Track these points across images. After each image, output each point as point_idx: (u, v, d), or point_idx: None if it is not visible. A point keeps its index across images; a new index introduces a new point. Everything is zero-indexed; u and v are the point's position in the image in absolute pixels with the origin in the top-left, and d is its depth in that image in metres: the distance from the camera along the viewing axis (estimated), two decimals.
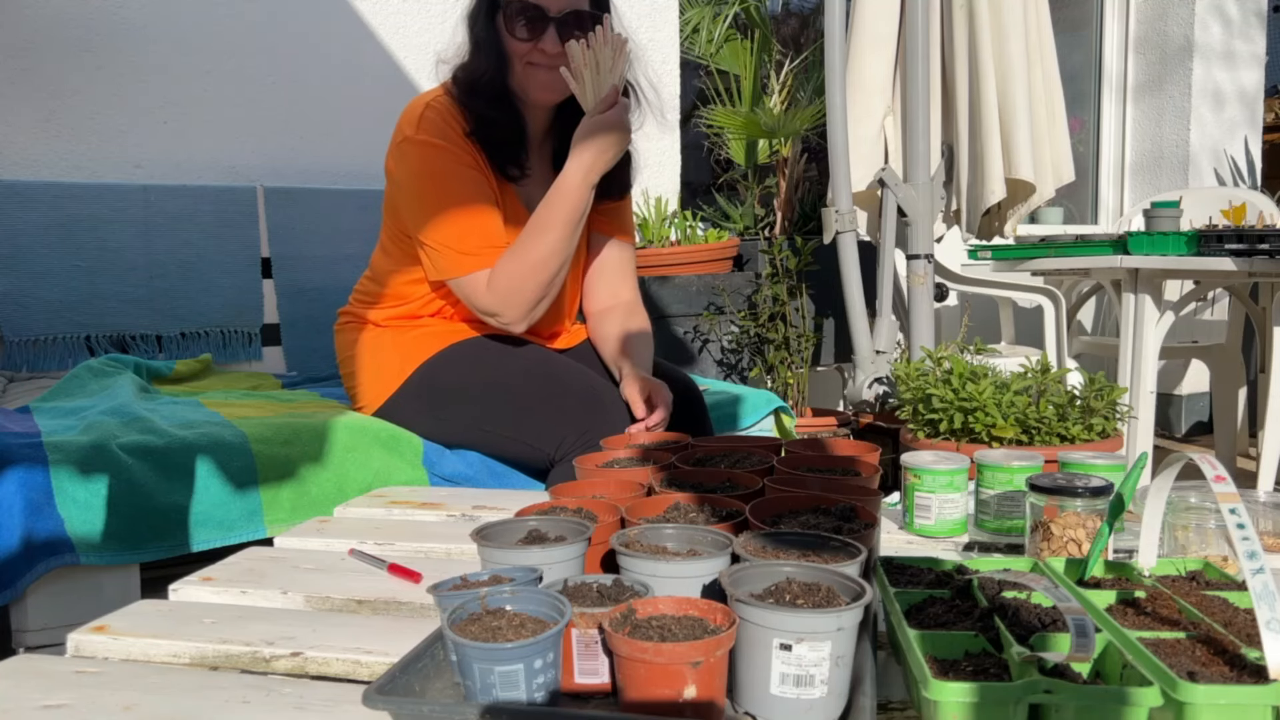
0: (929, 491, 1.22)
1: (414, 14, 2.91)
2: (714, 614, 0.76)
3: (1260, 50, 4.53)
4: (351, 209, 2.65)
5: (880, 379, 2.57)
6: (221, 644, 0.92)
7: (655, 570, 0.85)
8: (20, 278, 2.25)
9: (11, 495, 1.33)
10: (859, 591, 0.76)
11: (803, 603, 0.75)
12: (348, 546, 1.24)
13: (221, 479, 1.49)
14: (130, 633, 0.95)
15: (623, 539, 0.90)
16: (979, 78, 2.63)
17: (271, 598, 1.07)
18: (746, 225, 3.52)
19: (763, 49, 3.65)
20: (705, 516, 1.03)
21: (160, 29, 2.55)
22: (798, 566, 0.81)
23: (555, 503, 1.06)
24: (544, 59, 1.62)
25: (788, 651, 0.72)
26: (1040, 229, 4.32)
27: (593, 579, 0.84)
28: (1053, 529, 1.03)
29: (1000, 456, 1.22)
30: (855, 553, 0.86)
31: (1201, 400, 4.27)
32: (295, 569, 1.15)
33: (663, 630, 0.74)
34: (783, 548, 0.89)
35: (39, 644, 1.36)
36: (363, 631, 0.96)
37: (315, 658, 0.90)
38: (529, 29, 1.60)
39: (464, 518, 1.38)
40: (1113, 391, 1.67)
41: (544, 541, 0.94)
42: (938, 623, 0.82)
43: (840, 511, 1.02)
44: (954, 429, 1.66)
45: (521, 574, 0.84)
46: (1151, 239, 2.66)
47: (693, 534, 0.93)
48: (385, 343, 1.76)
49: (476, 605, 0.78)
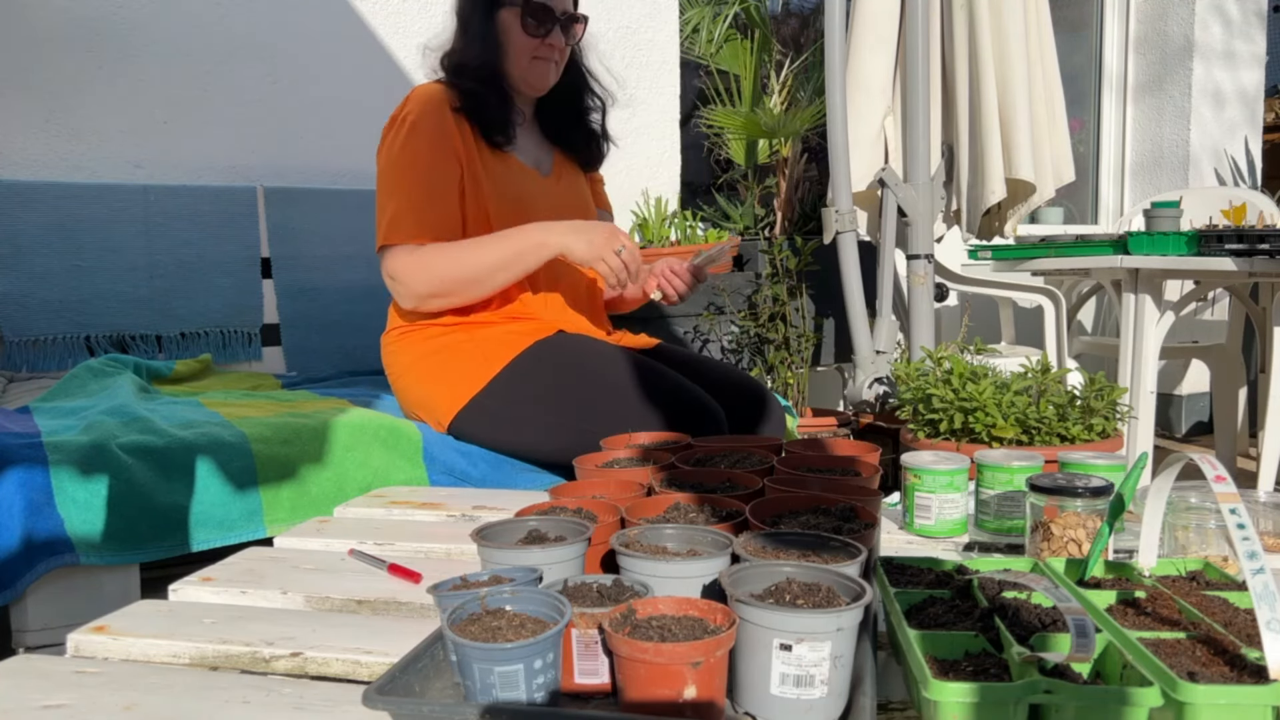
0: (929, 491, 1.22)
1: (414, 14, 2.91)
2: (714, 614, 0.76)
3: (1260, 50, 4.53)
4: (352, 209, 2.65)
5: (880, 379, 2.57)
6: (221, 644, 0.92)
7: (655, 570, 0.85)
8: (20, 278, 2.25)
9: (11, 495, 1.33)
10: (859, 592, 0.76)
11: (803, 603, 0.75)
12: (348, 547, 1.24)
13: (221, 479, 1.49)
14: (130, 633, 0.95)
15: (623, 539, 0.90)
16: (979, 78, 2.63)
17: (271, 598, 1.07)
18: (746, 225, 3.52)
19: (763, 49, 3.65)
20: (705, 517, 1.03)
21: (160, 29, 2.55)
22: (798, 567, 0.81)
23: (555, 503, 1.06)
24: (551, 53, 1.82)
25: (788, 652, 0.72)
26: (1040, 229, 4.32)
27: (593, 579, 0.84)
28: (1053, 529, 1.03)
29: (1000, 456, 1.22)
30: (855, 553, 0.86)
31: (1201, 400, 4.27)
32: (295, 569, 1.15)
33: (663, 630, 0.74)
34: (783, 548, 0.89)
35: (39, 644, 1.36)
36: (363, 631, 0.96)
37: (315, 658, 0.90)
38: (542, 26, 1.79)
39: (464, 518, 1.38)
40: (1113, 391, 1.67)
41: (544, 542, 0.94)
42: (938, 623, 0.81)
43: (840, 512, 1.02)
44: (954, 429, 1.66)
45: (521, 574, 0.84)
46: (1152, 239, 2.66)
47: (693, 534, 0.93)
48: (461, 345, 1.75)
49: (476, 605, 0.78)
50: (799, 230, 3.40)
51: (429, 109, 1.75)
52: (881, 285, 2.65)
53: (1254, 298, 3.32)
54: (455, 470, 1.69)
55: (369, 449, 1.63)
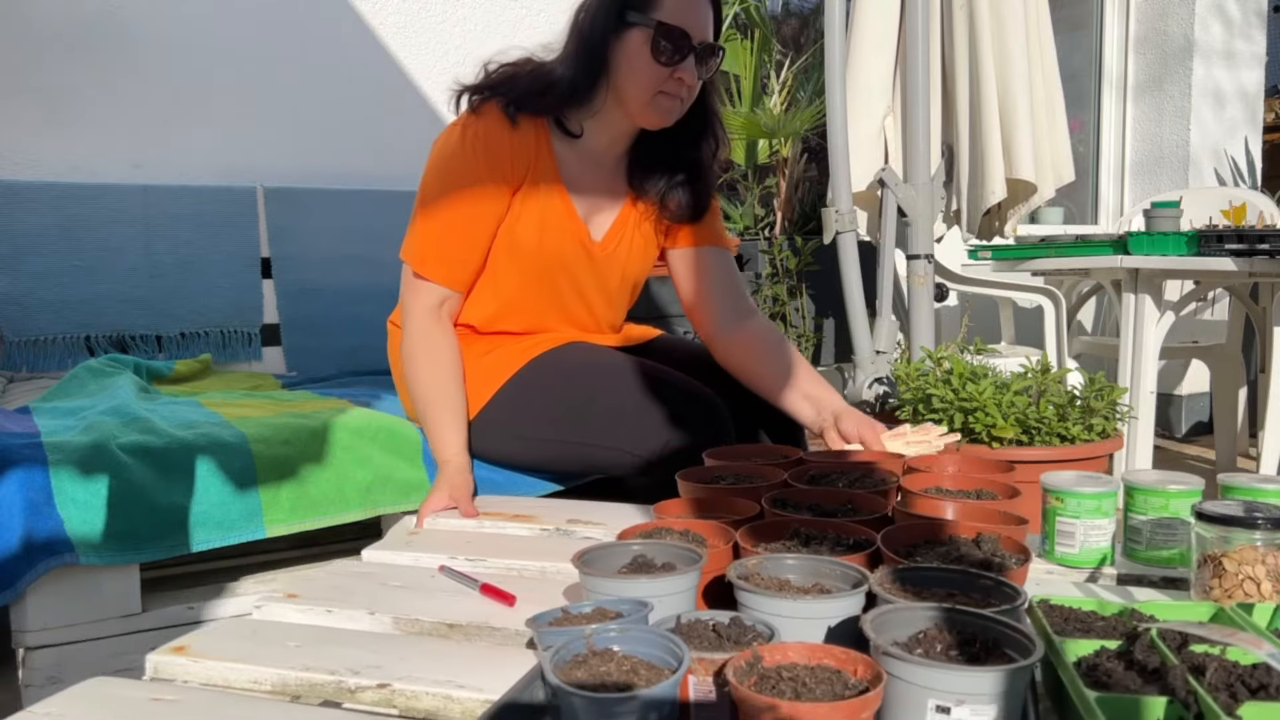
0: (1073, 517, 1.12)
1: (414, 14, 2.91)
2: (853, 665, 0.66)
3: (1261, 50, 4.53)
4: (351, 209, 2.65)
5: (880, 379, 2.57)
6: (304, 671, 0.87)
7: (779, 609, 0.76)
8: (20, 278, 2.25)
9: (11, 495, 1.33)
10: (1023, 644, 0.67)
11: (956, 654, 0.66)
12: (437, 562, 1.19)
13: (221, 479, 1.49)
14: (210, 655, 0.90)
15: (741, 570, 0.81)
16: (979, 78, 2.63)
17: (358, 618, 1.02)
18: (746, 225, 3.52)
19: (763, 49, 3.64)
20: (829, 545, 0.93)
21: (160, 29, 2.55)
22: (948, 611, 0.71)
23: (659, 523, 0.98)
24: (679, 89, 1.55)
25: (945, 715, 0.63)
26: (1040, 229, 4.32)
27: (708, 616, 0.76)
28: (1226, 564, 0.92)
29: (1154, 479, 1.13)
30: (1012, 595, 0.77)
31: (1201, 400, 4.26)
32: (382, 586, 1.11)
33: (795, 684, 0.65)
34: (924, 586, 0.80)
35: (39, 644, 1.36)
36: (454, 661, 0.90)
37: (403, 690, 0.84)
38: (676, 54, 1.52)
39: (557, 532, 1.33)
40: (1113, 391, 1.67)
41: (651, 570, 0.86)
42: (1118, 682, 0.70)
43: (984, 542, 0.92)
44: (954, 429, 1.66)
45: (629, 607, 0.77)
46: (1151, 239, 2.66)
47: (819, 566, 0.84)
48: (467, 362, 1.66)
49: (581, 645, 0.70)
50: (799, 230, 3.40)
51: (487, 130, 1.56)
52: (881, 285, 2.65)
53: (1254, 298, 3.31)
54: None
55: (369, 449, 1.63)
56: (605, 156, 1.67)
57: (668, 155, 1.68)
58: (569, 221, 1.64)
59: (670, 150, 1.68)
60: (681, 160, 1.69)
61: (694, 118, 1.65)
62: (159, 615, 1.46)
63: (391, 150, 2.84)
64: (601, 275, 1.70)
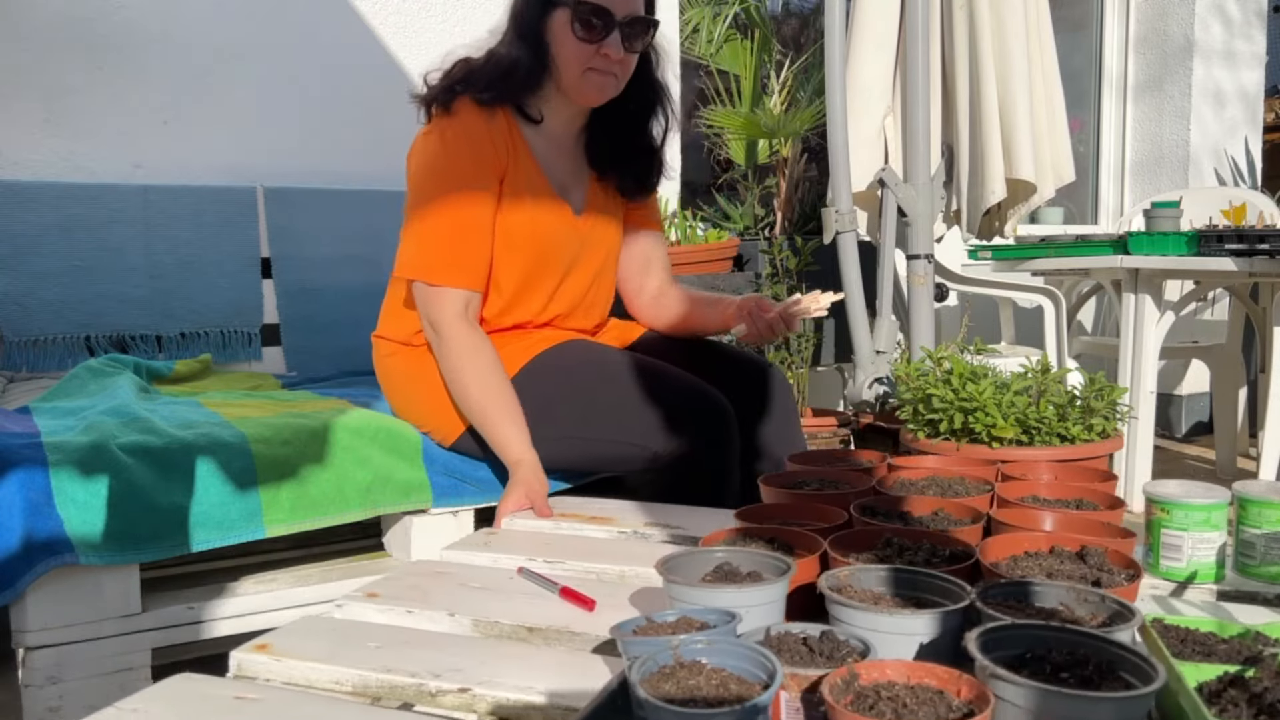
0: (1180, 529, 1.07)
1: (414, 14, 2.91)
2: (957, 686, 0.63)
3: (1261, 50, 4.53)
4: (351, 209, 2.64)
5: (880, 379, 2.57)
6: (386, 673, 0.87)
7: (875, 624, 0.72)
8: (20, 278, 2.25)
9: (11, 495, 1.33)
10: (1141, 668, 0.63)
11: (1068, 677, 0.62)
12: (515, 563, 1.18)
13: (221, 479, 1.49)
14: (292, 654, 0.91)
15: (834, 581, 0.79)
16: (979, 78, 2.63)
17: (438, 619, 1.01)
18: (746, 225, 3.52)
19: (763, 49, 3.65)
20: (924, 556, 0.90)
21: (160, 29, 2.55)
22: (1059, 630, 0.67)
23: (742, 528, 0.97)
24: (608, 64, 1.59)
25: None
26: (1040, 229, 4.32)
27: (798, 629, 0.73)
28: None
29: (1268, 490, 1.09)
30: (1126, 615, 0.73)
31: (1201, 400, 4.26)
32: (462, 587, 1.11)
33: (895, 704, 0.61)
34: (1028, 601, 0.76)
35: (39, 644, 1.36)
36: (534, 666, 0.89)
37: (484, 695, 0.83)
38: (596, 32, 1.56)
39: (635, 534, 1.33)
40: (1113, 391, 1.67)
41: (737, 579, 0.83)
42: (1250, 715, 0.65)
43: (1088, 555, 0.89)
44: (954, 429, 1.66)
45: (716, 617, 0.74)
46: (1151, 239, 2.66)
47: (914, 579, 0.81)
48: None
49: (668, 656, 0.67)
50: (799, 230, 3.40)
51: (464, 123, 1.60)
52: (881, 285, 2.65)
53: (1254, 298, 3.32)
54: (456, 472, 1.69)
55: (369, 449, 1.63)
56: (565, 138, 1.72)
57: (620, 132, 1.74)
58: (553, 202, 1.68)
59: (622, 127, 1.73)
60: (633, 137, 1.75)
61: (640, 93, 1.70)
62: (159, 615, 1.46)
63: (392, 151, 2.83)
64: (590, 252, 1.75)
